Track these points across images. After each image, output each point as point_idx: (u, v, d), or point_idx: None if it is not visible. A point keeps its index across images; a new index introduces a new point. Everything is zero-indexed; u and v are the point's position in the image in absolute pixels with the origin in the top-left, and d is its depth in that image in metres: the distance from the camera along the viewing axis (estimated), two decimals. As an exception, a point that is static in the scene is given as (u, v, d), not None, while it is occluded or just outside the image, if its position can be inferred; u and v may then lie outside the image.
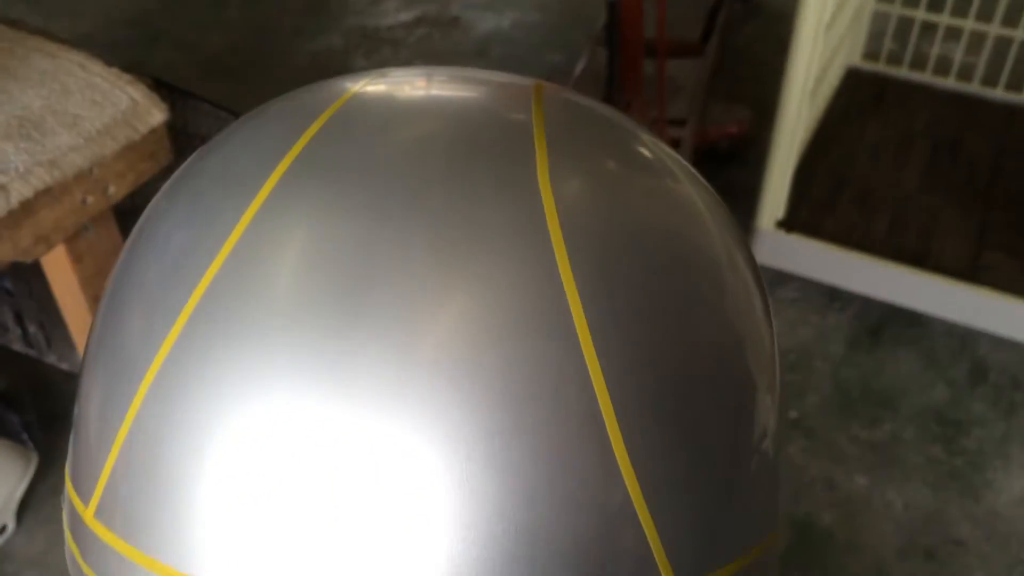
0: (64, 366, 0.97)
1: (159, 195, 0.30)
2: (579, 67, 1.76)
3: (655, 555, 0.24)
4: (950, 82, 1.81)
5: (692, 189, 0.31)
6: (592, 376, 0.24)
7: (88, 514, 0.26)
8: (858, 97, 1.81)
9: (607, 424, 0.24)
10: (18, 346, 0.98)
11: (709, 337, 0.27)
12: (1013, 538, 1.20)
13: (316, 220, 0.25)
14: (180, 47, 2.13)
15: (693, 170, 0.32)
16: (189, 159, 0.31)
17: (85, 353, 0.29)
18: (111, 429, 0.26)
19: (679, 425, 0.25)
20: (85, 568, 0.27)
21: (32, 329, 0.97)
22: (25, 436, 1.25)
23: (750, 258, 0.32)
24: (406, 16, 2.22)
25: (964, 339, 1.46)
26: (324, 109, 0.28)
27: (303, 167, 0.26)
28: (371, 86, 0.29)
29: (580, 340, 0.24)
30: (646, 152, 0.30)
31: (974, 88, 1.80)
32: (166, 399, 0.24)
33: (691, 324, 0.27)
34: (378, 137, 0.27)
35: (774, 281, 1.55)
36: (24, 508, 1.21)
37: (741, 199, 1.58)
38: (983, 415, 1.35)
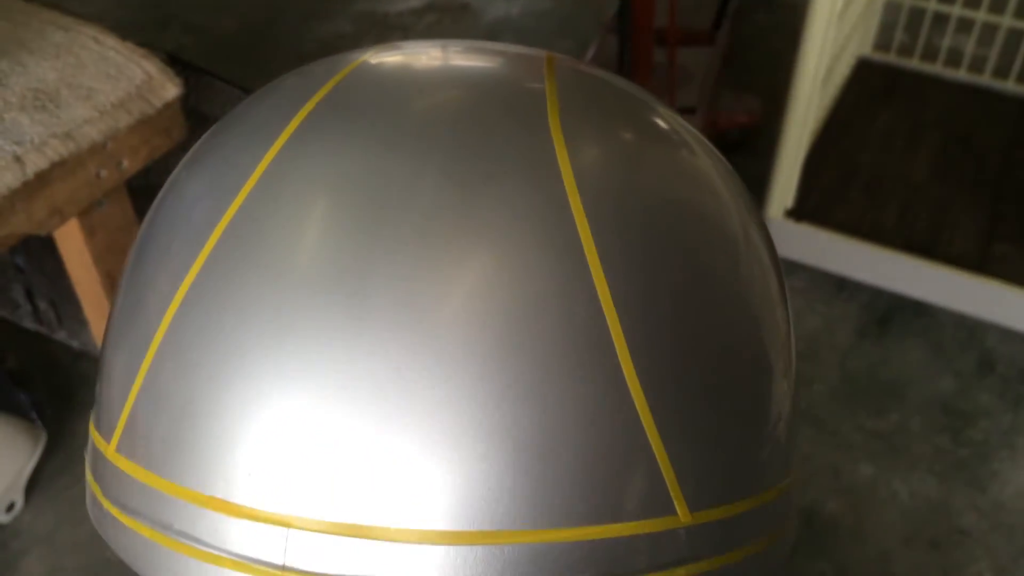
0: (74, 343, 0.97)
1: (181, 163, 0.31)
2: (589, 54, 1.76)
3: (666, 479, 0.25)
4: (961, 74, 1.81)
5: (700, 150, 0.31)
6: (602, 300, 0.24)
7: (110, 450, 0.28)
8: (869, 88, 1.80)
9: (617, 347, 0.24)
10: (29, 323, 0.98)
11: (717, 272, 0.28)
12: (1018, 529, 1.20)
13: (331, 159, 0.26)
14: (190, 31, 2.13)
15: (702, 136, 0.33)
16: (210, 129, 0.32)
17: (111, 308, 0.30)
18: (133, 369, 0.27)
19: (690, 355, 0.26)
20: (106, 503, 0.28)
21: (43, 306, 0.97)
22: (34, 415, 1.25)
23: (757, 212, 0.33)
24: (416, 2, 2.22)
25: (972, 330, 1.45)
26: (336, 73, 0.29)
27: (316, 121, 0.27)
28: (383, 53, 0.30)
29: (589, 264, 0.24)
30: (651, 110, 0.31)
31: (985, 80, 1.80)
32: (184, 337, 0.25)
33: (700, 258, 0.27)
34: (390, 95, 0.28)
35: (783, 271, 1.55)
36: (32, 486, 1.22)
37: (750, 188, 1.57)
38: (990, 406, 1.35)
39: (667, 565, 0.25)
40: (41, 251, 0.96)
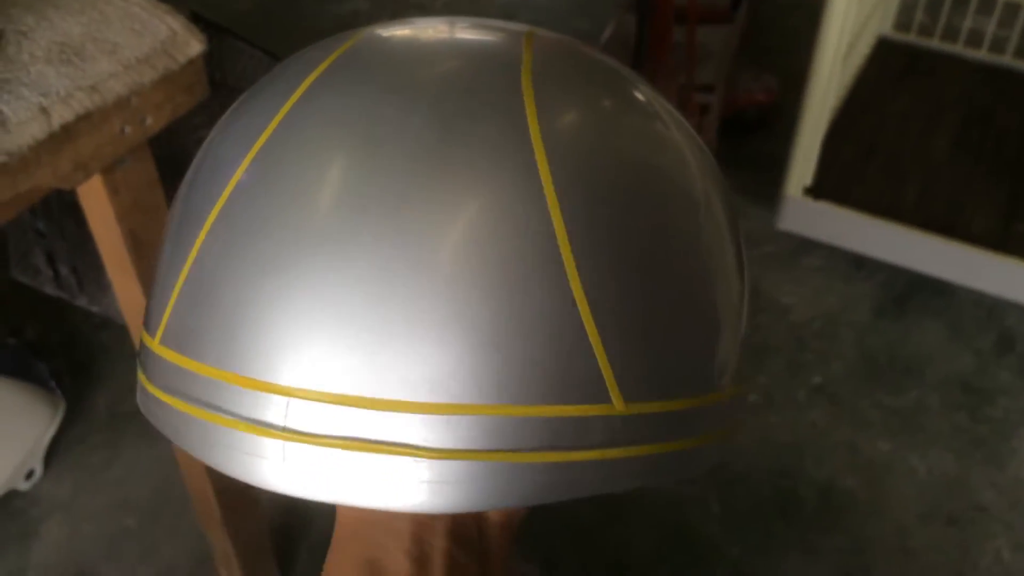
0: (95, 309, 0.98)
1: (221, 118, 0.37)
2: (607, 33, 1.75)
3: (603, 373, 0.29)
4: (982, 54, 1.79)
5: (662, 113, 0.36)
6: (552, 216, 0.29)
7: (155, 343, 0.33)
8: (889, 67, 1.79)
9: (563, 257, 0.29)
10: (49, 289, 0.99)
11: (661, 202, 0.33)
12: (1037, 506, 1.20)
13: (337, 104, 0.32)
14: (206, 7, 2.13)
15: (671, 107, 0.37)
16: (247, 91, 0.38)
17: (164, 232, 0.35)
18: (173, 274, 0.32)
19: (632, 268, 0.30)
20: (152, 389, 0.33)
21: (64, 271, 0.97)
22: (53, 384, 1.26)
23: (721, 182, 0.37)
24: (433, -18, 2.21)
25: (992, 309, 1.45)
26: (346, 41, 0.35)
27: (326, 78, 0.33)
28: (389, 27, 0.36)
29: (543, 186, 0.30)
30: (619, 76, 0.36)
31: (1006, 60, 1.78)
32: (214, 248, 0.31)
33: (643, 187, 0.32)
34: (389, 57, 0.34)
35: (800, 249, 1.55)
36: (51, 454, 1.22)
37: (767, 168, 1.57)
38: (1009, 384, 1.34)
39: (602, 445, 0.29)
40: (62, 216, 0.97)
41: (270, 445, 0.29)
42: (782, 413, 1.30)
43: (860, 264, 1.52)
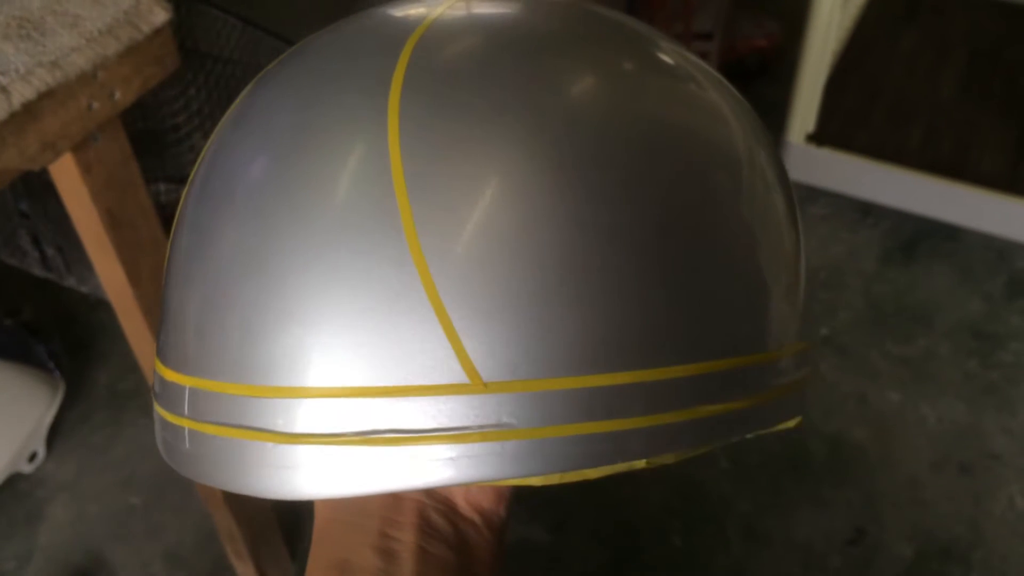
0: (84, 289, 0.96)
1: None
2: (601, -18, 1.70)
3: (455, 351, 0.27)
4: (988, -12, 1.74)
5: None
6: (394, 179, 0.28)
7: (159, 364, 0.33)
8: (891, 6, 1.74)
9: (404, 228, 0.27)
10: (37, 270, 0.97)
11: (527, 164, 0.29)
12: (1051, 451, 1.18)
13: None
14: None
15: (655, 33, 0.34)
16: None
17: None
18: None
19: (476, 233, 0.28)
20: (171, 417, 0.32)
21: (50, 252, 0.95)
22: (51, 364, 1.25)
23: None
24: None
25: (1001, 252, 1.42)
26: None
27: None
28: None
29: (390, 152, 0.28)
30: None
31: (1014, -6, 1.73)
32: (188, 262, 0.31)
33: (498, 148, 0.29)
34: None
35: (805, 197, 1.51)
36: (53, 435, 1.22)
37: (770, 115, 1.53)
38: (1020, 328, 1.32)
39: (460, 429, 0.27)
40: (45, 195, 0.94)
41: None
42: (789, 366, 1.28)
43: (866, 211, 1.49)
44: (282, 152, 0.30)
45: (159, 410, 0.33)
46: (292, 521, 1.12)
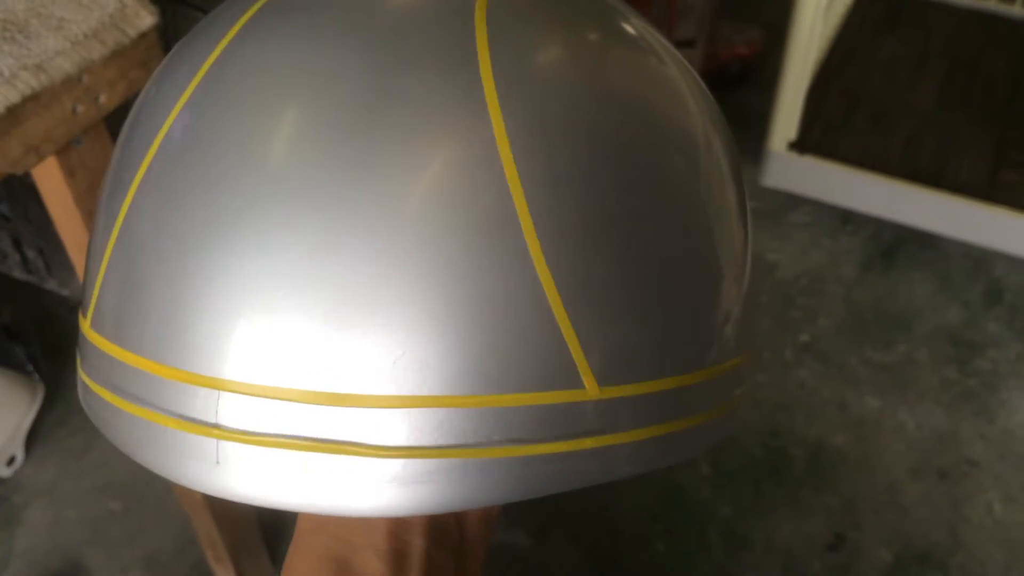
0: (65, 292, 0.95)
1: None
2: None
3: (573, 355, 0.26)
4: (967, -1, 1.76)
5: (664, 54, 0.31)
6: (509, 181, 0.26)
7: (85, 325, 0.30)
8: (872, 15, 1.76)
9: (523, 227, 0.25)
10: (18, 273, 0.96)
11: (631, 159, 0.28)
12: (1027, 457, 1.19)
13: (270, 50, 0.28)
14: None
15: (655, 33, 0.33)
16: (177, 43, 0.34)
17: (97, 200, 0.33)
18: (102, 246, 0.29)
19: (599, 236, 0.27)
20: (84, 376, 0.30)
21: (31, 255, 0.95)
22: (30, 368, 1.24)
23: (716, 120, 0.33)
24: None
25: (979, 260, 1.43)
26: None
27: (257, 21, 0.30)
28: None
29: (498, 147, 0.26)
30: (601, 12, 0.32)
31: (991, 5, 1.75)
32: (148, 205, 0.28)
33: (612, 145, 0.28)
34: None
35: (786, 205, 1.53)
36: (32, 439, 1.21)
37: (752, 122, 1.54)
38: (998, 336, 1.33)
39: (574, 436, 0.26)
40: (26, 199, 0.94)
41: (203, 444, 0.26)
42: (770, 372, 1.29)
43: (847, 218, 1.50)
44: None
45: (81, 372, 0.31)
46: (274, 526, 1.11)
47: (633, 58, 0.30)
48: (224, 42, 0.29)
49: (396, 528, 0.30)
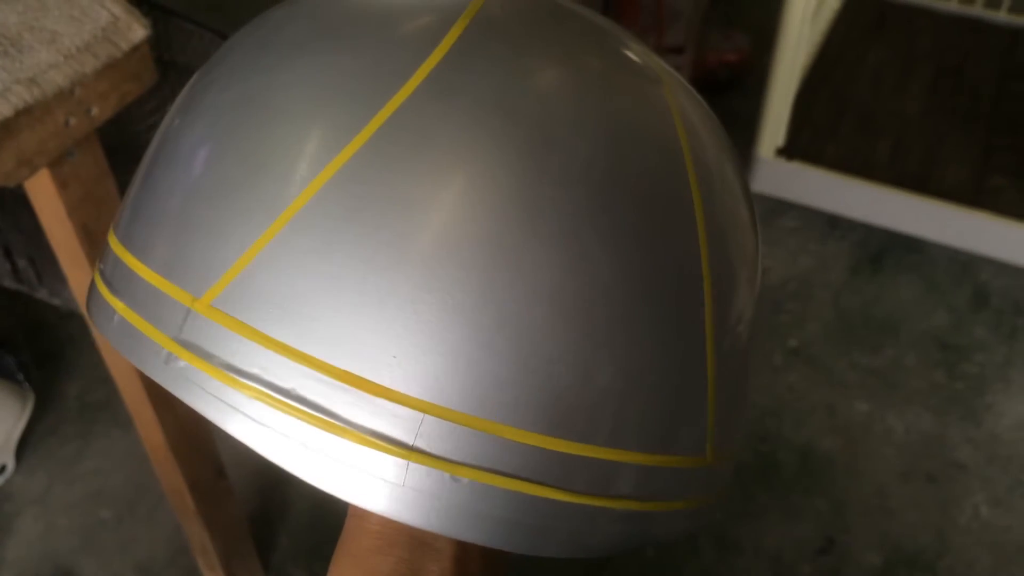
0: (56, 301, 0.95)
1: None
2: (574, -5, 1.72)
3: (708, 423, 0.29)
4: (952, 5, 1.78)
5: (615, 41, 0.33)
6: (701, 249, 0.29)
7: (202, 304, 0.27)
8: (859, 21, 1.77)
9: (706, 297, 0.29)
10: (8, 282, 0.96)
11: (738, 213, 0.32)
12: (1014, 461, 1.20)
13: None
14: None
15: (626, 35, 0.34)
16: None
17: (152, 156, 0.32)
18: (250, 231, 0.27)
19: (749, 292, 0.32)
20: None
21: (22, 264, 0.95)
22: (21, 376, 1.24)
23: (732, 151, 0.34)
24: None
25: (966, 265, 1.44)
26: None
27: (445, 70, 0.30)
28: None
29: (697, 220, 0.29)
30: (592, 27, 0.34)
31: (977, 11, 1.77)
32: (324, 219, 0.27)
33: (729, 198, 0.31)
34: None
35: (774, 210, 1.54)
36: (23, 448, 1.21)
37: (741, 128, 1.55)
38: (985, 340, 1.34)
39: (694, 496, 0.29)
40: (16, 207, 0.94)
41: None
42: (759, 377, 1.30)
43: (834, 224, 1.51)
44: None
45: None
46: (265, 534, 1.11)
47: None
48: (408, 90, 0.28)
49: (463, 554, 0.30)
